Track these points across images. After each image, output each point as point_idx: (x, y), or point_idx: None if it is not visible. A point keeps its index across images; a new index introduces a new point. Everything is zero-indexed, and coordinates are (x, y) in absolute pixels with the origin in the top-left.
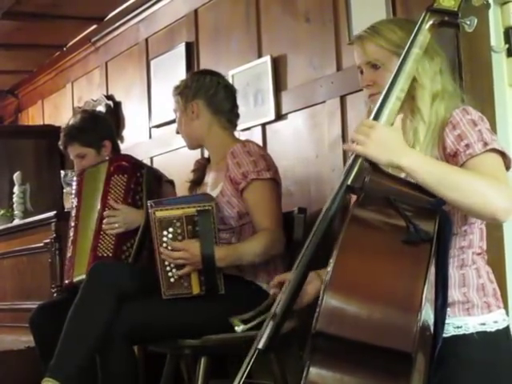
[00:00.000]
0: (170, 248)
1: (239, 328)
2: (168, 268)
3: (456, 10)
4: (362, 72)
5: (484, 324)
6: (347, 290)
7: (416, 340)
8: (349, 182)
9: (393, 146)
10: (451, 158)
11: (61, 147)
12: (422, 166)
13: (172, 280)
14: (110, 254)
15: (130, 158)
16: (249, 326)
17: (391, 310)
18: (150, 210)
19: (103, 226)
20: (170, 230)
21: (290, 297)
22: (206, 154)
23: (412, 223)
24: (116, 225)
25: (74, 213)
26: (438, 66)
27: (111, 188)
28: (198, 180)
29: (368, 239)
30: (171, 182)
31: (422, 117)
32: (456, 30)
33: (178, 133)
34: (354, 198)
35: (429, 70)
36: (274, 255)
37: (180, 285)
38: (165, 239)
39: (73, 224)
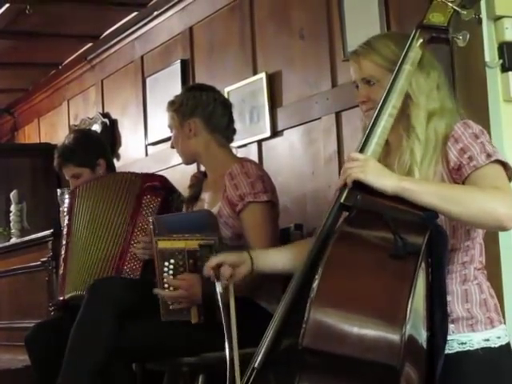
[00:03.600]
0: (170, 286)
1: None
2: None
3: (445, 25)
4: (357, 87)
5: (488, 340)
6: (332, 305)
7: (401, 353)
8: (342, 199)
9: (387, 172)
10: (455, 171)
11: (56, 168)
12: (421, 187)
13: (171, 307)
14: (138, 277)
15: (164, 180)
16: None
17: (376, 324)
18: (152, 239)
19: (131, 245)
20: (172, 261)
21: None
22: (203, 168)
23: (400, 237)
24: (145, 251)
25: (65, 231)
26: (434, 82)
27: (143, 208)
28: (194, 195)
29: (354, 254)
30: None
31: (417, 135)
32: (447, 45)
33: (172, 147)
34: None
35: (424, 86)
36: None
37: (179, 312)
38: (165, 269)
39: (64, 242)
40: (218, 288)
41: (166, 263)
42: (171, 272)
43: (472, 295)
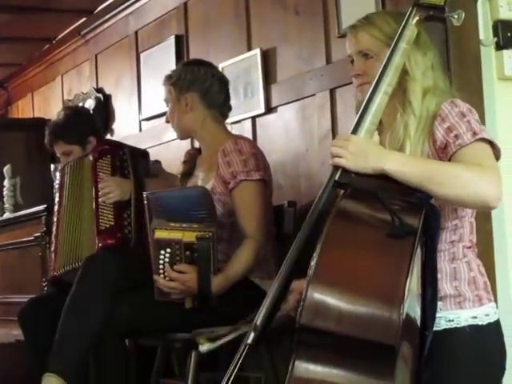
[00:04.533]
0: (166, 277)
1: (203, 347)
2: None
3: (442, 4)
4: (352, 61)
5: (475, 317)
6: (330, 283)
7: (399, 332)
8: (336, 177)
9: (372, 153)
10: (441, 150)
11: (46, 145)
12: (405, 166)
13: (165, 290)
14: (112, 223)
15: (109, 141)
16: (215, 345)
17: (374, 303)
18: (149, 228)
19: (99, 199)
20: (168, 250)
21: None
22: (197, 144)
23: (397, 217)
24: (111, 194)
25: (56, 208)
26: (430, 62)
27: (99, 172)
28: (188, 171)
29: (352, 233)
30: (158, 162)
31: (413, 110)
32: (443, 23)
33: (167, 122)
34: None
35: (421, 63)
36: (265, 255)
37: (173, 296)
38: (161, 257)
39: (55, 219)
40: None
41: (162, 252)
42: (167, 260)
43: (461, 273)
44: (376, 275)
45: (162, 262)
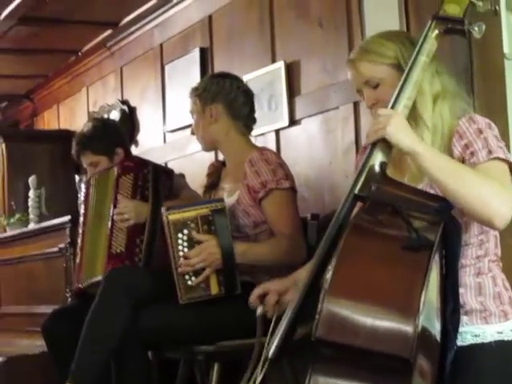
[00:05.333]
0: (184, 258)
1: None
2: (187, 276)
3: (461, 16)
4: (362, 94)
5: (501, 333)
6: (346, 296)
7: (414, 345)
8: (356, 190)
9: (410, 132)
10: None
11: (74, 156)
12: (433, 158)
13: (190, 283)
14: (123, 249)
15: (134, 158)
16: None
17: (389, 316)
18: (163, 215)
19: (114, 221)
20: (185, 231)
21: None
22: (221, 157)
23: (413, 229)
24: (126, 216)
25: (81, 220)
26: (433, 68)
27: (120, 189)
28: (212, 184)
29: (367, 246)
30: (182, 175)
31: (425, 123)
32: (463, 37)
33: (192, 133)
34: None
35: (427, 73)
36: (295, 262)
37: (198, 287)
38: (180, 242)
39: (80, 231)
40: (259, 310)
41: (180, 235)
42: (186, 244)
43: (486, 288)
44: (391, 288)
45: (181, 247)
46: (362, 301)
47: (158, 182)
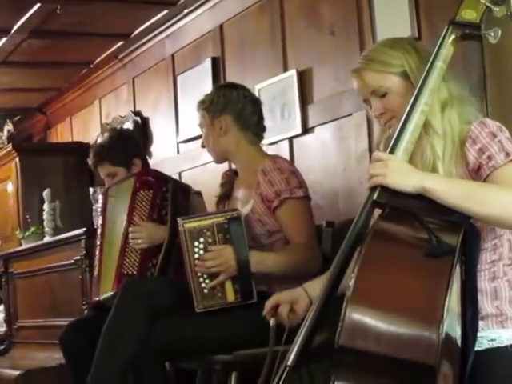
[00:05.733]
0: (201, 259)
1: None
2: (201, 279)
3: (478, 22)
4: (369, 103)
5: None
6: (369, 303)
7: (439, 352)
8: (374, 197)
9: (412, 171)
10: (475, 172)
11: (91, 167)
12: (444, 184)
13: (206, 291)
14: (135, 272)
15: (155, 173)
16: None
17: (413, 323)
18: (179, 224)
19: (128, 239)
20: (201, 240)
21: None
22: (234, 166)
23: (435, 236)
24: (139, 240)
25: (99, 231)
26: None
27: (137, 204)
28: (226, 194)
29: (390, 253)
30: (199, 193)
31: (434, 129)
32: (480, 42)
33: (203, 146)
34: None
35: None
36: (310, 270)
37: (214, 295)
38: (196, 250)
39: (98, 243)
40: (272, 322)
41: (196, 243)
42: (202, 253)
43: (501, 292)
44: (414, 295)
45: (197, 255)
46: (385, 308)
47: (176, 203)
